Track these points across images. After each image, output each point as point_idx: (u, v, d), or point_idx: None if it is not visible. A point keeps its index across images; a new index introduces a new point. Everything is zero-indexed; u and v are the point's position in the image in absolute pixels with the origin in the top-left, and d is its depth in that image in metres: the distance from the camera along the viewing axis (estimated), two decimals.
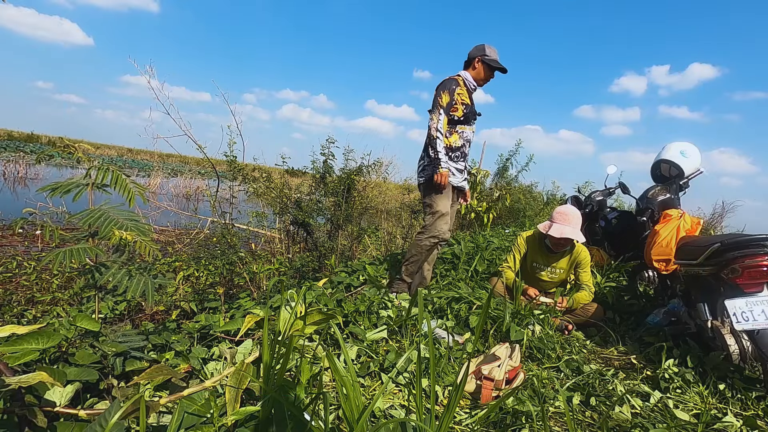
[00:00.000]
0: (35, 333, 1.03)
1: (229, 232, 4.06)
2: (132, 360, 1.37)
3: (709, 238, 2.35)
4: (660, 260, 2.67)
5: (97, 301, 1.71)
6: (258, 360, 1.14)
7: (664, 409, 1.71)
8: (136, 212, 1.91)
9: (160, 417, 1.16)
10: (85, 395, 1.22)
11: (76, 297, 3.21)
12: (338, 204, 4.65)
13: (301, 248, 4.82)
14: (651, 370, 2.12)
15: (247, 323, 1.17)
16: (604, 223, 3.87)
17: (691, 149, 3.22)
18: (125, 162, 21.79)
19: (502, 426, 1.49)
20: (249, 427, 1.00)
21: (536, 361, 2.12)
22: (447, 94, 2.69)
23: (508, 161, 8.06)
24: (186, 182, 11.99)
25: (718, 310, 2.04)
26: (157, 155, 17.79)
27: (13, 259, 4.08)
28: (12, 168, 11.43)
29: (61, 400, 1.00)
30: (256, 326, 1.85)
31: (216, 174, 4.50)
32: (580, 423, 1.61)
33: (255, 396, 1.13)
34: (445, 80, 2.77)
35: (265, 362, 1.00)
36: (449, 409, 1.00)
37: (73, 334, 1.46)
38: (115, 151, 30.45)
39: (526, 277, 2.90)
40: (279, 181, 4.75)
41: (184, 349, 1.65)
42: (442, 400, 1.68)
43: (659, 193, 3.28)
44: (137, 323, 2.92)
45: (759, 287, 1.96)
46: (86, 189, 1.56)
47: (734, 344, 1.95)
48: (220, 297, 2.70)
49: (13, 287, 3.53)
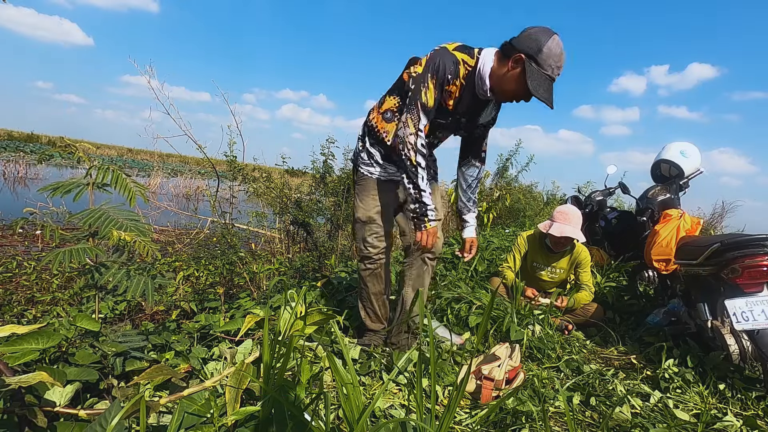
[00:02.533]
0: (35, 333, 1.03)
1: (229, 232, 4.07)
2: (132, 360, 1.37)
3: (709, 238, 2.35)
4: (660, 260, 2.67)
5: (97, 301, 1.71)
6: (258, 360, 1.14)
7: (664, 409, 1.71)
8: (136, 212, 1.91)
9: (160, 417, 1.16)
10: (85, 395, 1.22)
11: (76, 297, 3.21)
12: (338, 204, 4.65)
13: (301, 248, 4.82)
14: (651, 370, 2.12)
15: (247, 323, 1.17)
16: (604, 223, 3.87)
17: (691, 149, 3.22)
18: (125, 162, 21.80)
19: (502, 426, 1.49)
20: (249, 427, 1.00)
21: (536, 361, 2.12)
22: (435, 85, 1.63)
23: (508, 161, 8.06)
24: (186, 182, 11.98)
25: (718, 310, 2.04)
26: (157, 155, 17.79)
27: (13, 259, 4.08)
28: (12, 168, 11.42)
29: (61, 400, 1.00)
30: (256, 326, 1.85)
31: (216, 174, 4.50)
32: (580, 423, 1.61)
33: (255, 396, 1.13)
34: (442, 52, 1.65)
35: (265, 362, 1.00)
36: (450, 409, 1.00)
37: (73, 334, 1.46)
38: (115, 151, 30.46)
39: (526, 277, 2.90)
40: (279, 181, 4.75)
41: (184, 349, 1.65)
42: (443, 400, 1.68)
43: (659, 193, 3.28)
44: (137, 323, 2.92)
45: (759, 287, 1.96)
46: (87, 189, 1.56)
47: (734, 344, 1.95)
48: (220, 297, 2.70)
49: (13, 287, 3.53)
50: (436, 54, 1.65)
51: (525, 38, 1.53)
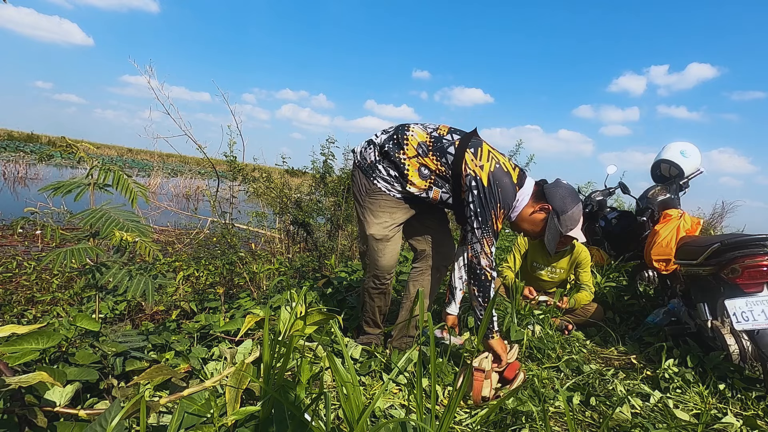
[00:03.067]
0: (35, 333, 1.03)
1: (229, 232, 4.06)
2: (132, 360, 1.37)
3: (709, 238, 2.35)
4: (660, 260, 2.67)
5: (97, 301, 1.71)
6: (258, 360, 1.14)
7: (664, 409, 1.71)
8: (137, 212, 1.91)
9: (160, 417, 1.16)
10: (85, 395, 1.22)
11: (76, 297, 3.21)
12: (338, 204, 4.65)
13: (301, 248, 4.82)
14: (651, 370, 2.12)
15: (247, 323, 1.17)
16: (604, 223, 3.87)
17: (691, 149, 3.22)
18: (125, 162, 21.80)
19: (502, 426, 1.49)
20: (249, 427, 1.00)
21: (536, 361, 2.12)
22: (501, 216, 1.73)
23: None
24: (186, 182, 11.98)
25: (718, 310, 2.04)
26: (157, 155, 17.79)
27: (13, 259, 4.08)
28: (12, 168, 11.43)
29: (61, 400, 1.00)
30: (256, 326, 1.85)
31: (216, 174, 4.50)
32: (580, 423, 1.62)
33: (255, 396, 1.13)
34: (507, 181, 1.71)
35: (266, 362, 1.00)
36: (450, 409, 1.00)
37: (73, 334, 1.46)
38: (115, 151, 30.46)
39: (526, 277, 2.90)
40: (279, 181, 4.75)
41: (184, 349, 1.65)
42: (443, 400, 1.68)
43: (659, 193, 3.28)
44: (137, 323, 2.92)
45: (759, 287, 1.96)
46: (88, 189, 1.57)
47: (734, 344, 1.96)
48: (220, 297, 2.70)
49: (13, 287, 3.53)
50: (502, 181, 1.70)
51: (558, 197, 1.76)
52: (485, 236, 1.70)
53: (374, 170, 1.83)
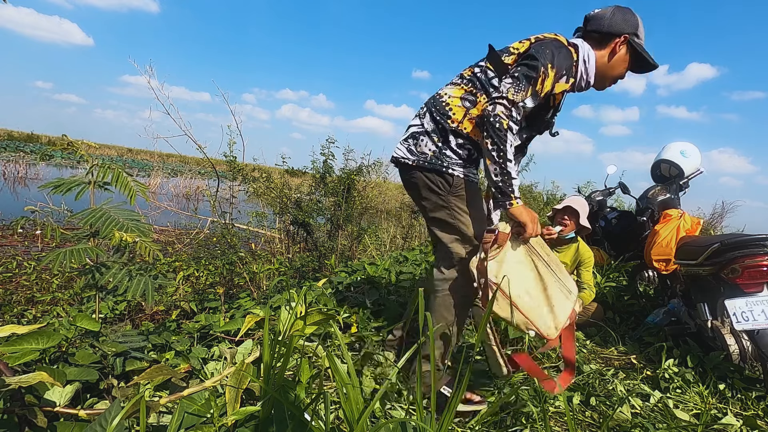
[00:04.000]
0: (35, 333, 1.03)
1: (229, 232, 4.06)
2: (132, 360, 1.37)
3: (709, 238, 2.35)
4: (660, 260, 2.67)
5: (97, 301, 1.71)
6: (258, 360, 1.14)
7: (664, 409, 1.71)
8: (137, 212, 1.91)
9: (160, 417, 1.16)
10: (85, 395, 1.22)
11: (76, 297, 3.21)
12: (338, 204, 4.65)
13: (301, 248, 4.82)
14: (651, 370, 2.12)
15: (247, 323, 1.17)
16: (604, 223, 3.87)
17: (691, 149, 3.22)
18: (125, 162, 21.80)
19: (502, 426, 1.49)
20: (249, 427, 1.00)
21: (536, 361, 2.12)
22: (555, 76, 1.46)
23: None
24: (186, 182, 11.98)
25: (718, 310, 2.04)
26: (157, 155, 17.79)
27: (13, 259, 4.08)
28: (12, 168, 11.43)
29: (61, 400, 1.00)
30: (256, 326, 1.85)
31: (216, 174, 4.50)
32: (580, 423, 1.62)
33: (255, 396, 1.13)
34: (558, 44, 1.49)
35: (266, 362, 1.00)
36: (450, 409, 1.00)
37: (73, 334, 1.46)
38: (115, 151, 30.44)
39: None
40: (279, 181, 4.75)
41: (184, 349, 1.65)
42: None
43: (659, 193, 3.28)
44: (137, 323, 2.92)
45: (759, 287, 1.96)
46: (88, 188, 1.56)
47: (734, 344, 1.96)
48: (220, 297, 2.70)
49: (13, 287, 3.53)
50: (552, 43, 1.48)
51: (619, 22, 1.56)
52: (513, 87, 1.39)
53: (441, 159, 1.54)
